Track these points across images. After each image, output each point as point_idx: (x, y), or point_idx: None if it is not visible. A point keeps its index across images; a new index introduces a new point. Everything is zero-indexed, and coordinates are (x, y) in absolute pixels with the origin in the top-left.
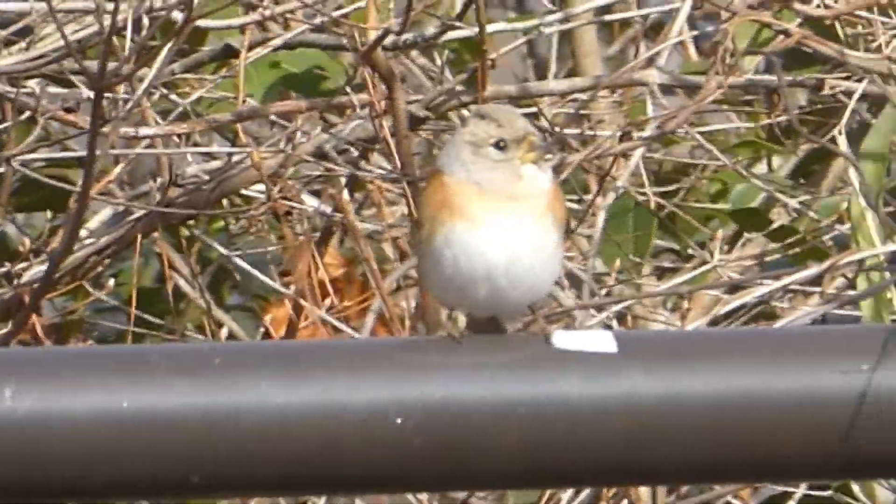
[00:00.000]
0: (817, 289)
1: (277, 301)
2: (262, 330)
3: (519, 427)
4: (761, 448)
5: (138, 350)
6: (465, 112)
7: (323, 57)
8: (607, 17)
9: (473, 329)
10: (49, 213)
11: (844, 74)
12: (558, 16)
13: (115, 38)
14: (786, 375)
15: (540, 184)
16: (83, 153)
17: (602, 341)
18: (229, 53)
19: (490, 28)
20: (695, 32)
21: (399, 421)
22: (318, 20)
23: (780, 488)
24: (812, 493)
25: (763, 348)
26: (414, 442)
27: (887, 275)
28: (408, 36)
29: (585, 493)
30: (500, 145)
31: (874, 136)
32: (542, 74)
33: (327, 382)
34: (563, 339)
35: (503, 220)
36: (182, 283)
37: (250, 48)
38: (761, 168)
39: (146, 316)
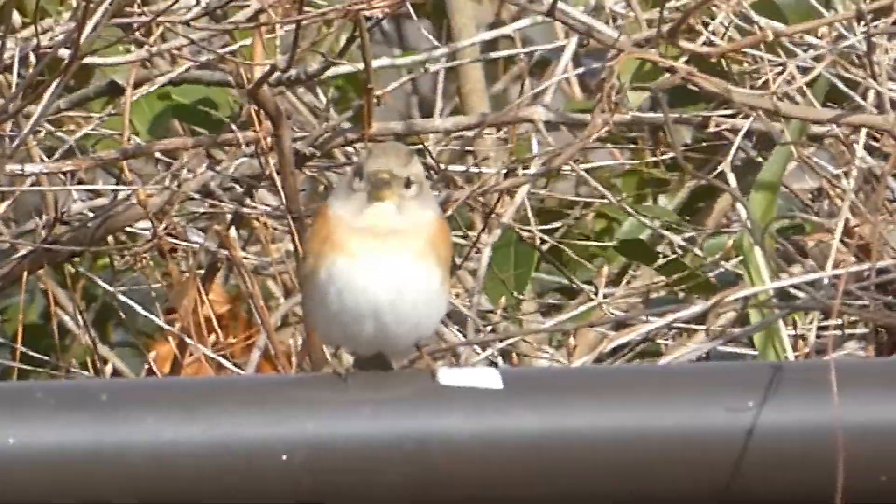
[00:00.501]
0: (702, 326)
1: (163, 338)
2: (146, 367)
3: (405, 463)
4: (648, 484)
5: (24, 386)
6: (350, 149)
7: (212, 90)
8: (493, 55)
9: (360, 366)
10: None
11: (730, 111)
12: (444, 51)
13: (1, 75)
14: (672, 412)
15: (388, 219)
16: None
17: (487, 378)
18: (115, 90)
19: (375, 63)
20: (580, 70)
21: (284, 457)
22: (204, 57)
23: None
24: None
25: (649, 385)
26: (300, 478)
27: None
28: (292, 72)
29: None
30: (360, 176)
31: (766, 172)
32: (426, 111)
33: (213, 419)
34: (448, 375)
35: (384, 256)
36: (67, 319)
37: (136, 85)
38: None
39: (31, 352)
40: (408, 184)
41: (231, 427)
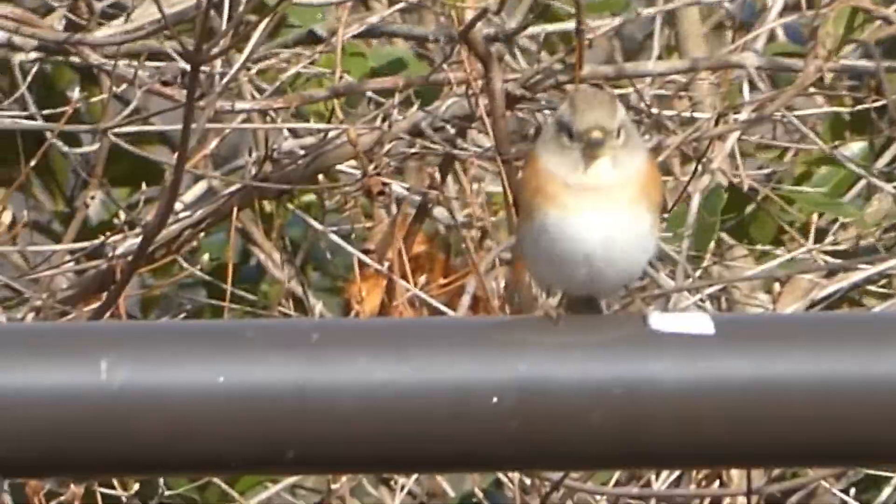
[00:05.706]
0: None
1: (357, 279)
2: (347, 308)
3: (614, 408)
4: (858, 433)
5: (235, 325)
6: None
7: (407, 53)
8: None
9: (569, 309)
10: (134, 187)
11: None
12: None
13: (212, 12)
14: (884, 360)
15: (606, 175)
16: (174, 127)
17: (699, 323)
18: (314, 40)
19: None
20: (789, 18)
21: (495, 400)
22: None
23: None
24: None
25: (861, 333)
26: (509, 421)
27: None
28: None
29: (676, 472)
30: (570, 133)
31: None
32: (628, 55)
33: (425, 360)
34: (659, 320)
35: (596, 205)
36: (264, 259)
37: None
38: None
39: (224, 292)
40: (617, 133)
41: (442, 368)
